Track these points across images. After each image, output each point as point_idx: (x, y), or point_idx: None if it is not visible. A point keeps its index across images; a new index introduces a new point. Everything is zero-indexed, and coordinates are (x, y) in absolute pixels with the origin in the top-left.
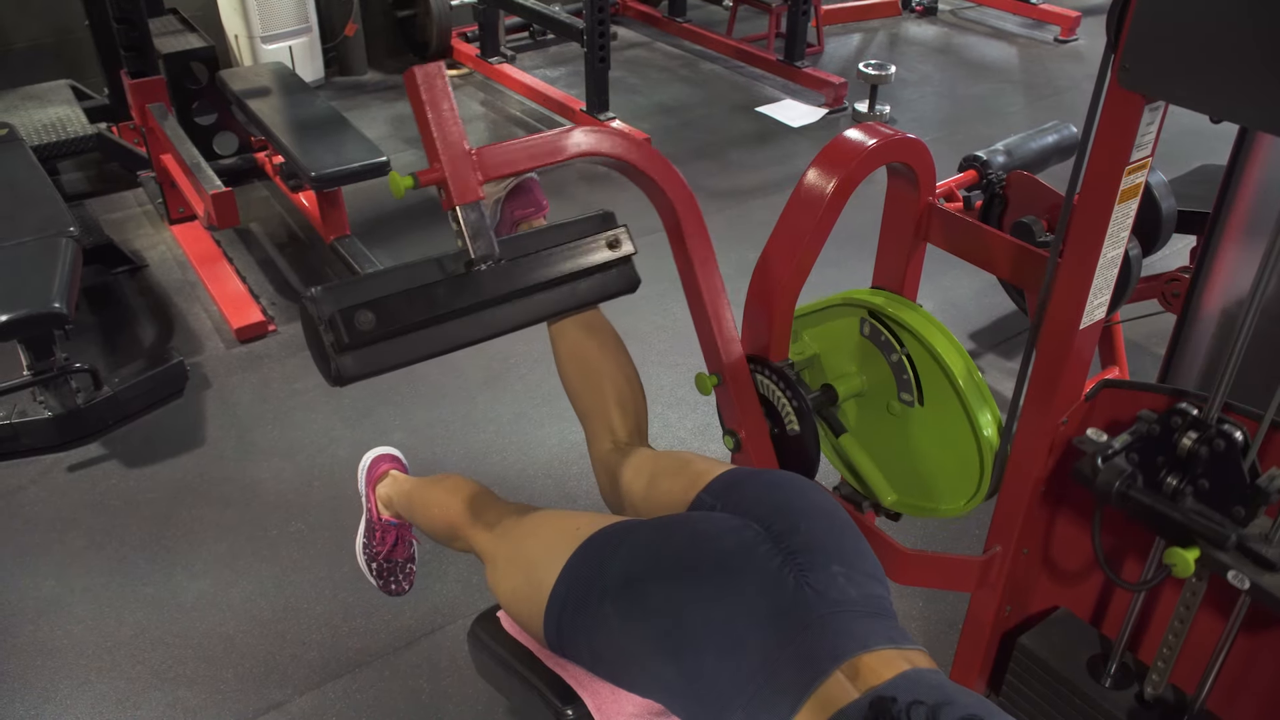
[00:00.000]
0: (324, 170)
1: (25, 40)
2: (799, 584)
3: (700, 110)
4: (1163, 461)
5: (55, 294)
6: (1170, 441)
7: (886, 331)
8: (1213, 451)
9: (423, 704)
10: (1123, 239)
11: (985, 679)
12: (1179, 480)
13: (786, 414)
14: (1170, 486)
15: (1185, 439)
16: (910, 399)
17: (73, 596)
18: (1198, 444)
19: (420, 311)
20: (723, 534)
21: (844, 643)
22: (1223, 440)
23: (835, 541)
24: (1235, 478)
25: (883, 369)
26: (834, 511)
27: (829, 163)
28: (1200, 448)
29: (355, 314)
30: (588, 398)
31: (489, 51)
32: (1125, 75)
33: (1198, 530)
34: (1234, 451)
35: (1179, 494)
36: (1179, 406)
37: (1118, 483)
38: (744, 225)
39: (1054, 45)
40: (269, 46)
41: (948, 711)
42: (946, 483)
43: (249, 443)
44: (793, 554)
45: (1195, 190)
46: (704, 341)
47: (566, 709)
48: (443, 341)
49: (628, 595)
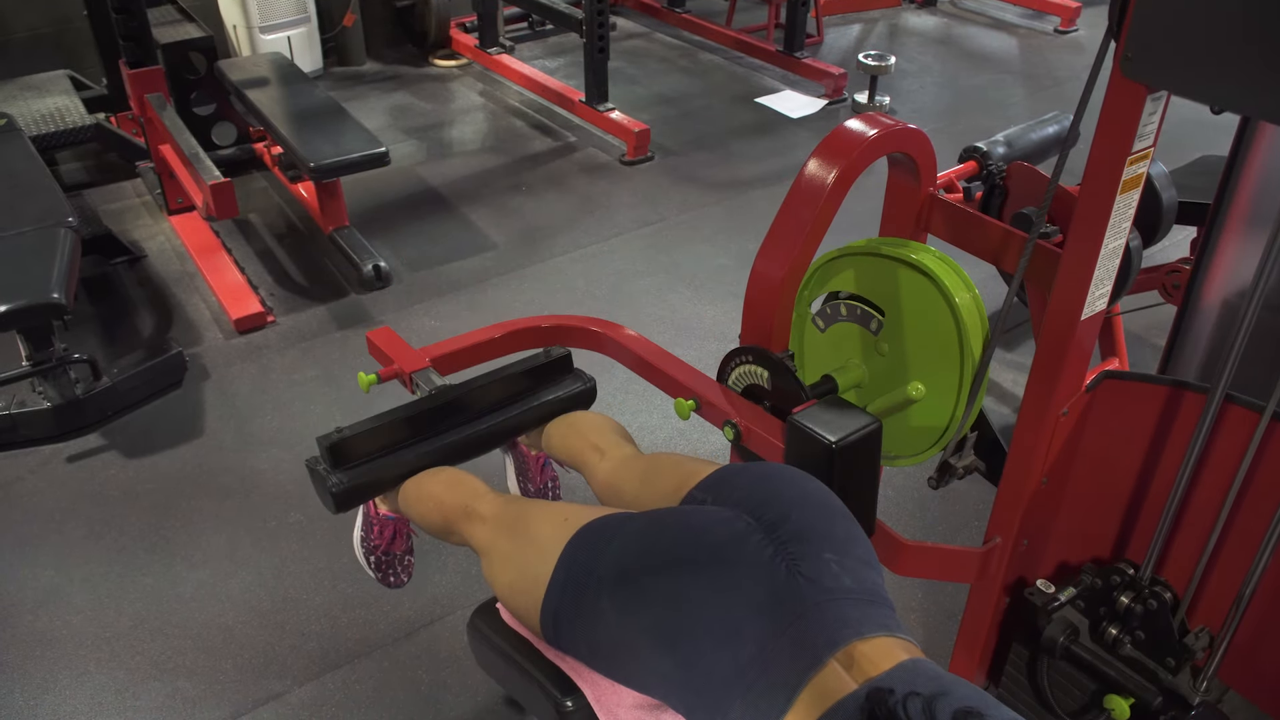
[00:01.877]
0: (323, 161)
1: (24, 30)
2: (791, 573)
3: (700, 101)
4: (1105, 613)
5: (54, 284)
6: (1110, 596)
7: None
8: (1146, 610)
9: (422, 695)
10: (1124, 229)
11: (984, 670)
12: (1119, 630)
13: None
14: (1111, 636)
15: (1122, 597)
16: (876, 321)
17: (72, 587)
18: (1133, 603)
19: (387, 436)
20: (714, 526)
21: (839, 630)
22: (1154, 600)
23: (827, 529)
24: (1166, 634)
25: (852, 334)
26: (825, 499)
27: (830, 153)
28: (1135, 606)
29: (337, 436)
30: (569, 442)
31: (488, 42)
32: (1127, 65)
33: (1130, 687)
34: (1164, 611)
35: (1119, 642)
36: (1117, 566)
37: (1061, 638)
38: (744, 216)
39: (1054, 36)
40: (267, 37)
41: (944, 702)
42: (941, 372)
43: (248, 433)
44: (784, 543)
45: (1196, 181)
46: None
47: (566, 700)
48: (415, 461)
49: (622, 589)
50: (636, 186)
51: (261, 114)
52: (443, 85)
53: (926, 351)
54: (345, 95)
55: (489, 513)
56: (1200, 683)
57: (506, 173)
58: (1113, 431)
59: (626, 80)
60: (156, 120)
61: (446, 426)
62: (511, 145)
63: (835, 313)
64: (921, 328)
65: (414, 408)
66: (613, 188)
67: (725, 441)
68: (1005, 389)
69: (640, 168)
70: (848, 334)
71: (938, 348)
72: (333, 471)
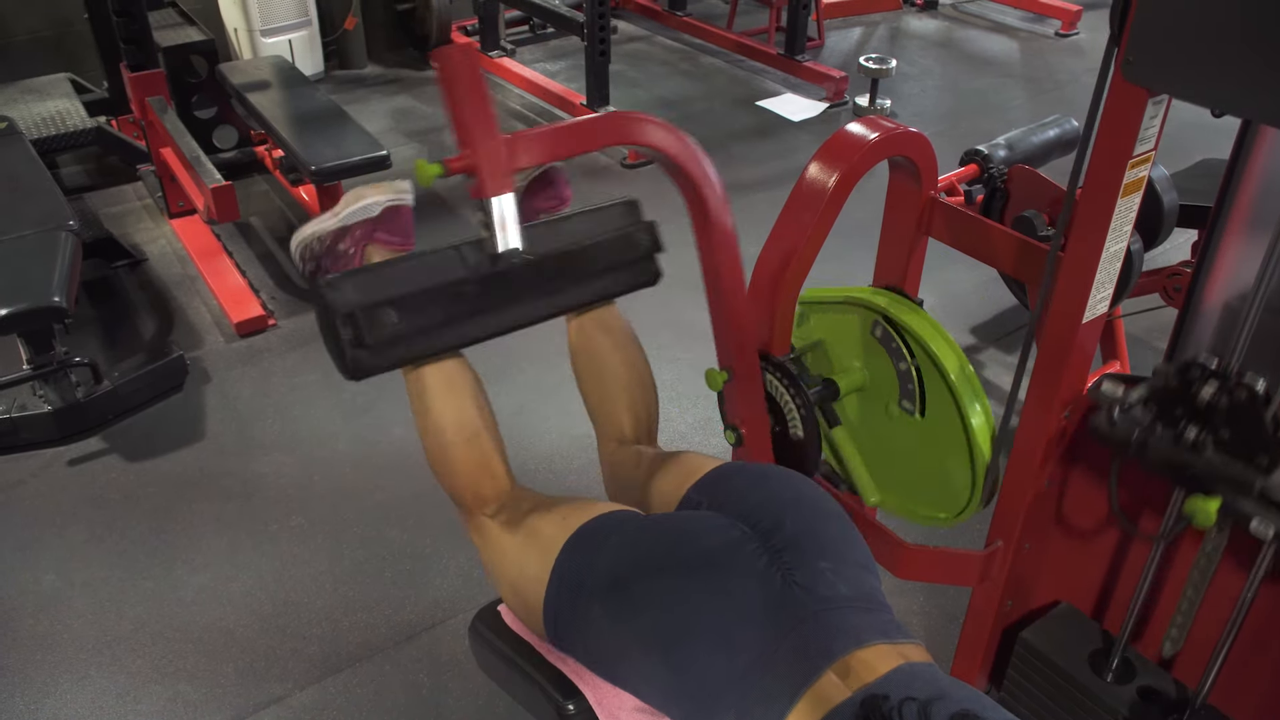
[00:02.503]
0: (324, 164)
1: (24, 33)
2: (787, 582)
3: (701, 104)
4: (1181, 413)
5: (55, 288)
6: (1189, 393)
7: (899, 339)
8: (1233, 402)
9: (423, 698)
10: (1126, 232)
11: (986, 674)
12: (1199, 431)
13: (791, 415)
14: (1190, 437)
15: (1205, 390)
16: (912, 408)
17: (73, 590)
18: (1218, 395)
19: (445, 310)
20: (708, 533)
21: (835, 640)
22: (1244, 390)
23: (822, 535)
24: (1257, 428)
25: (887, 372)
26: (820, 502)
27: (831, 156)
28: (1221, 398)
29: (378, 312)
30: (597, 397)
31: (489, 45)
32: (1129, 69)
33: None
34: (1256, 402)
35: (1199, 444)
36: (1196, 359)
37: (1137, 432)
38: (745, 220)
39: (1055, 39)
40: (269, 40)
41: (940, 706)
42: (937, 493)
43: (249, 437)
44: (779, 552)
45: (1197, 184)
46: (719, 335)
47: (568, 703)
48: (462, 336)
49: (615, 597)
50: (637, 189)
51: (263, 117)
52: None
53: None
54: (346, 98)
55: (497, 507)
56: None
57: None
58: None
59: (628, 83)
60: (158, 123)
61: (502, 309)
62: None
63: (893, 356)
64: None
65: (487, 292)
66: (614, 191)
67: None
68: (1006, 391)
69: (642, 171)
70: (879, 358)
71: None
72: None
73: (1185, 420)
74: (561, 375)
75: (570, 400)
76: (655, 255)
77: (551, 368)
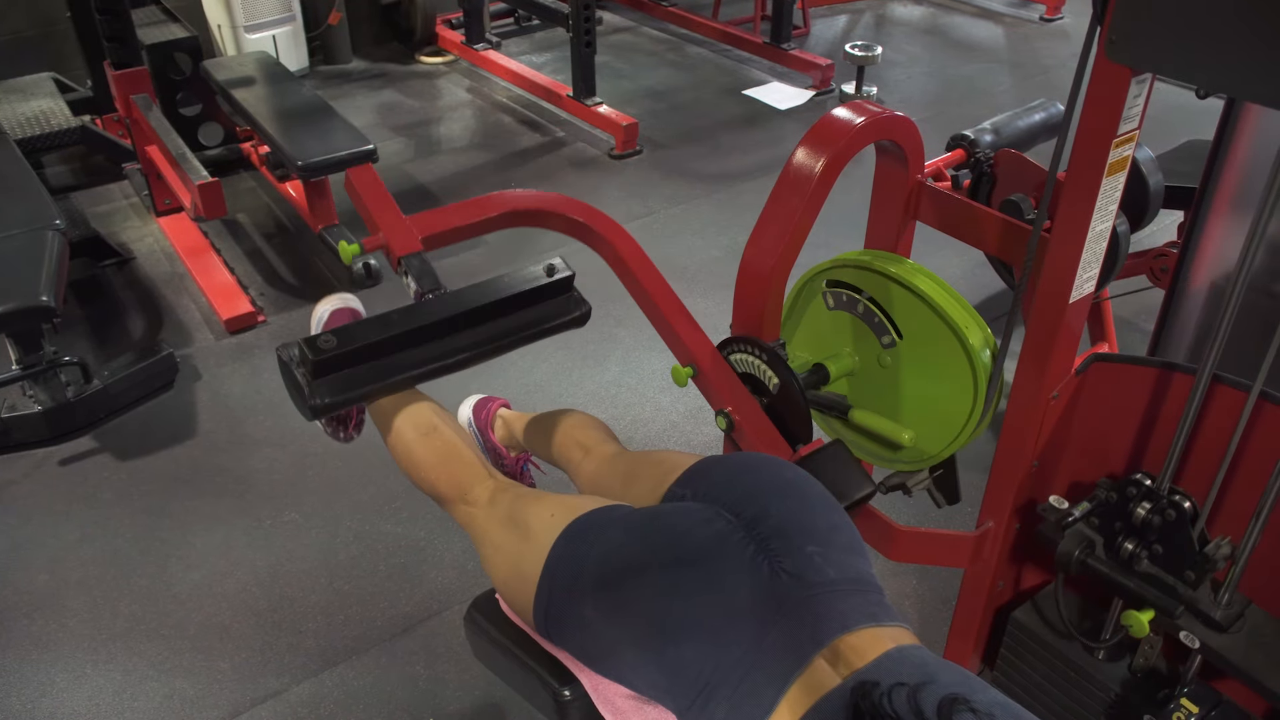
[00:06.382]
0: (311, 159)
1: (7, 32)
2: (774, 571)
3: (688, 94)
4: (1120, 527)
5: (42, 287)
6: (1126, 510)
7: (844, 289)
8: (1164, 521)
9: (420, 690)
10: (1111, 212)
11: (979, 654)
12: (1135, 545)
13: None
14: (1127, 551)
15: (1139, 509)
16: (890, 339)
17: (67, 589)
18: (1151, 514)
19: (375, 332)
20: (694, 527)
21: (824, 626)
22: (1173, 510)
23: (809, 520)
24: (1185, 545)
25: (860, 329)
26: (805, 486)
27: (818, 140)
28: (1153, 517)
29: (318, 339)
30: (553, 439)
31: (474, 38)
32: (1112, 48)
33: (1149, 598)
34: (1183, 521)
35: (1135, 558)
36: (1134, 477)
37: (1077, 551)
38: (733, 208)
39: (1039, 24)
40: (252, 36)
41: (930, 690)
42: (951, 406)
43: (241, 433)
44: (765, 540)
45: (1182, 166)
46: (670, 343)
47: (564, 690)
48: (406, 366)
49: (605, 596)
50: (626, 180)
51: (248, 113)
52: (430, 82)
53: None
54: (332, 94)
55: (484, 499)
56: (1223, 595)
57: (495, 169)
58: (1103, 414)
59: (614, 74)
60: (143, 121)
61: (433, 338)
62: (499, 141)
63: (851, 308)
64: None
65: (412, 318)
66: (602, 182)
67: (718, 433)
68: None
69: (629, 161)
70: (850, 324)
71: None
72: (312, 380)
73: (1122, 536)
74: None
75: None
76: (573, 287)
77: (539, 363)
